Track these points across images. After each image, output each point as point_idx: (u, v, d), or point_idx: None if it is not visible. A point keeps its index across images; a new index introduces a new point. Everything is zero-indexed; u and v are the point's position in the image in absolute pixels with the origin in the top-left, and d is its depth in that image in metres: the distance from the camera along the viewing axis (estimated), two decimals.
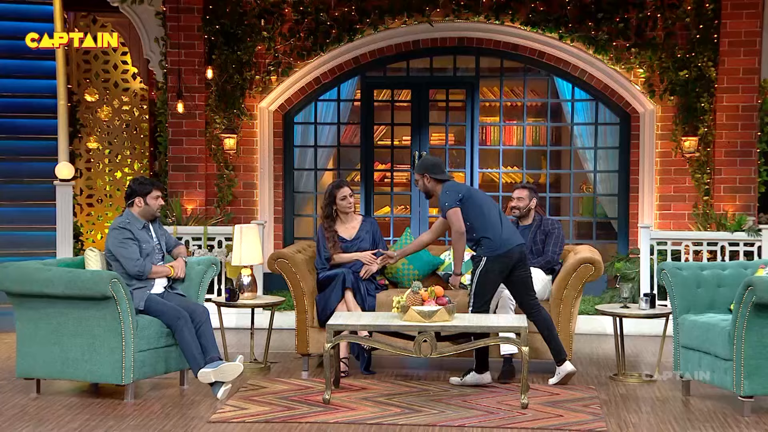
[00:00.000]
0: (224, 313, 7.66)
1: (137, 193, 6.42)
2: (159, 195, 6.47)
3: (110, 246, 6.34)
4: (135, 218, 6.41)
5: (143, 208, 6.42)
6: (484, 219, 6.55)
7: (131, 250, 6.28)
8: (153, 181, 6.60)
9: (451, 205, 6.56)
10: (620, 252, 9.53)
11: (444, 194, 6.63)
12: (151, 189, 6.43)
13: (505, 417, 5.75)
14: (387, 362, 7.24)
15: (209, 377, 6.14)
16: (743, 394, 5.78)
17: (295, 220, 10.09)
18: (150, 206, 6.43)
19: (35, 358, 6.19)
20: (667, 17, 9.24)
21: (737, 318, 5.75)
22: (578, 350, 7.75)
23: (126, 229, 6.32)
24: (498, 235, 6.52)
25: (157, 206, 6.47)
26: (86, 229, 11.12)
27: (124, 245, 6.28)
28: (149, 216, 6.46)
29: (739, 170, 9.16)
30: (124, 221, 6.37)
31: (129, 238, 6.29)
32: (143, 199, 6.41)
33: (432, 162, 6.73)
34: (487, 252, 6.52)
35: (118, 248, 6.29)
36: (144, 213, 6.43)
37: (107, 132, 11.39)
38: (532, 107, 10.45)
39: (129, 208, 6.45)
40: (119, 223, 6.36)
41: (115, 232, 6.32)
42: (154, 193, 6.44)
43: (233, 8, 9.50)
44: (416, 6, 9.46)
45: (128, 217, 6.40)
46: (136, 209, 6.42)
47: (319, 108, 10.10)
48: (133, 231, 6.33)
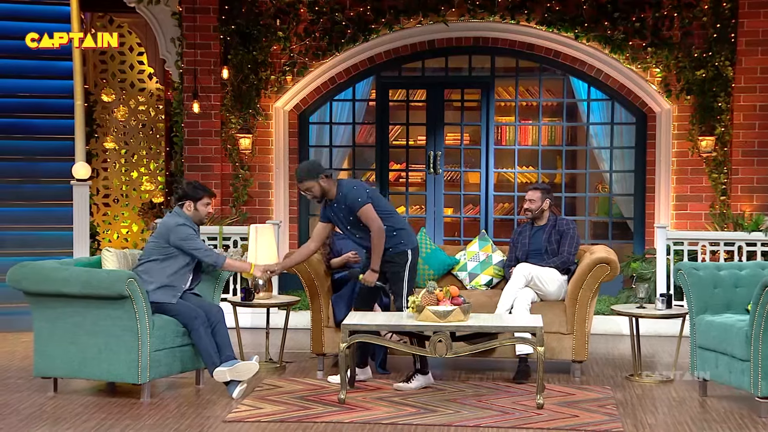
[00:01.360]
0: (240, 313, 7.68)
1: (189, 196, 6.42)
2: (209, 203, 6.48)
3: (172, 241, 6.26)
4: (188, 219, 6.42)
5: (192, 213, 6.42)
6: (393, 210, 6.54)
7: (200, 242, 6.35)
8: (205, 188, 6.53)
9: (364, 201, 6.31)
10: (636, 252, 9.50)
11: (353, 190, 6.36)
12: (203, 195, 6.43)
13: (520, 417, 5.74)
14: (402, 362, 7.23)
15: (225, 376, 6.16)
16: (761, 394, 5.74)
17: (310, 219, 10.10)
18: (199, 212, 6.44)
19: (52, 358, 6.22)
20: (683, 16, 9.20)
21: (755, 318, 5.72)
22: (594, 350, 7.73)
23: (189, 226, 6.34)
24: (408, 226, 6.57)
25: (206, 213, 6.48)
26: (102, 229, 11.18)
27: (192, 239, 6.29)
28: (197, 221, 6.46)
29: (757, 170, 9.11)
30: (185, 218, 6.35)
31: (194, 234, 6.34)
32: (194, 204, 6.42)
33: (314, 164, 6.49)
34: (409, 244, 6.45)
35: (187, 242, 6.26)
36: (194, 217, 6.44)
37: (123, 132, 11.45)
38: (548, 107, 10.42)
39: (180, 209, 6.43)
40: (181, 221, 6.32)
41: (182, 228, 6.28)
42: (205, 200, 6.44)
43: (249, 8, 9.52)
44: (431, 6, 9.46)
45: (184, 217, 6.39)
46: (187, 212, 6.43)
47: (334, 108, 10.11)
48: (195, 229, 6.39)
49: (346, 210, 6.42)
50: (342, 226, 6.54)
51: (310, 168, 6.44)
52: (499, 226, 10.04)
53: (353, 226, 6.47)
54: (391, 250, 6.46)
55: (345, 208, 6.42)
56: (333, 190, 6.44)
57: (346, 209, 6.42)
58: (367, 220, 6.34)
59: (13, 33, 10.79)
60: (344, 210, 6.43)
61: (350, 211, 6.40)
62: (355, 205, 6.35)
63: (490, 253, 7.57)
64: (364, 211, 6.33)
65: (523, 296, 6.83)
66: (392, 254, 6.46)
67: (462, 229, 10.07)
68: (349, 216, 6.42)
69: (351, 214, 6.41)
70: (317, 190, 6.41)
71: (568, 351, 6.88)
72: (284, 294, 8.79)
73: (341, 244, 7.29)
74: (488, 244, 7.64)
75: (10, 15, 11.25)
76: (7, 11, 11.27)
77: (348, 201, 6.37)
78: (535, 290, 6.95)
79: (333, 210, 6.51)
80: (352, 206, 6.37)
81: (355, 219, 6.41)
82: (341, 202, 6.42)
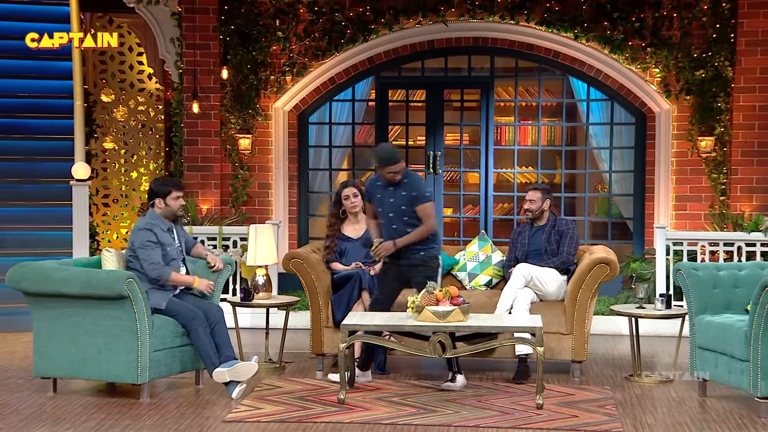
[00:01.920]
0: (239, 313, 7.68)
1: (157, 194, 6.42)
2: (179, 195, 6.46)
3: (134, 245, 6.33)
4: (159, 219, 6.41)
5: (164, 209, 6.43)
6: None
7: (153, 253, 6.28)
8: (172, 181, 6.60)
9: (430, 198, 6.52)
10: (636, 252, 9.50)
11: (421, 182, 6.57)
12: (170, 190, 6.42)
13: (520, 417, 5.74)
14: (401, 362, 7.24)
15: (224, 377, 6.16)
16: (760, 395, 5.74)
17: (310, 220, 10.10)
18: (171, 207, 6.43)
19: (52, 358, 6.22)
20: (683, 16, 9.20)
21: (754, 319, 5.72)
22: (593, 350, 7.73)
23: (151, 230, 6.32)
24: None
25: (179, 206, 6.47)
26: (102, 229, 11.18)
27: (146, 247, 6.28)
28: (171, 216, 6.46)
29: (756, 170, 9.11)
30: (149, 222, 6.36)
31: (152, 241, 6.29)
32: (163, 200, 6.42)
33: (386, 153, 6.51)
34: (439, 251, 6.68)
35: (140, 249, 6.30)
36: (166, 213, 6.44)
37: (123, 132, 11.45)
38: (547, 107, 10.43)
39: (152, 209, 6.46)
40: (144, 224, 6.36)
41: (140, 232, 6.32)
42: (173, 193, 6.43)
43: (248, 8, 9.52)
44: (431, 6, 9.46)
45: (153, 218, 6.39)
46: (158, 210, 6.43)
47: (333, 108, 10.11)
48: (157, 233, 6.34)
49: (407, 197, 6.48)
50: (388, 208, 6.55)
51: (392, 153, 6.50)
52: (498, 227, 10.04)
53: (401, 214, 6.51)
54: (423, 253, 6.54)
55: (406, 196, 6.49)
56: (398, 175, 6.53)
57: (407, 197, 6.48)
58: (426, 216, 6.44)
59: (13, 33, 10.79)
60: (404, 197, 6.48)
61: (413, 199, 6.47)
62: (421, 198, 6.44)
63: (490, 253, 7.57)
64: (427, 206, 6.44)
65: (523, 296, 6.83)
66: (426, 257, 6.54)
67: (461, 230, 10.07)
68: (406, 203, 6.48)
69: (411, 202, 6.47)
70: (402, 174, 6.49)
71: (567, 351, 6.88)
72: (284, 294, 8.79)
73: (344, 245, 7.29)
74: (488, 244, 7.64)
75: (9, 15, 11.25)
76: (7, 11, 11.26)
77: (416, 190, 6.46)
78: (535, 290, 6.95)
79: (385, 192, 6.54)
80: (419, 197, 6.46)
81: (409, 209, 6.48)
82: (406, 188, 6.48)
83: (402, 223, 6.53)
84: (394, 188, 6.54)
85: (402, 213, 6.51)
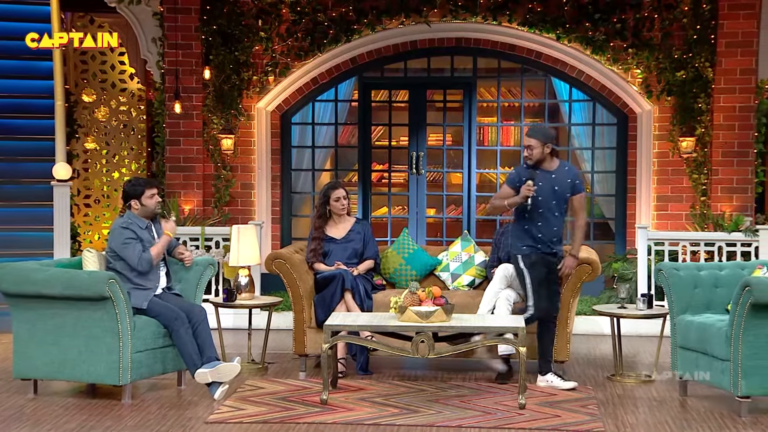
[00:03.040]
0: (222, 314, 7.66)
1: (131, 195, 6.41)
2: (154, 193, 6.45)
3: (113, 245, 6.32)
4: (137, 218, 6.40)
5: (141, 209, 6.41)
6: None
7: (136, 248, 6.27)
8: (145, 180, 6.57)
9: (582, 189, 6.54)
10: (618, 252, 9.54)
11: (578, 174, 6.58)
12: (143, 189, 6.41)
13: (502, 417, 5.75)
14: (384, 363, 7.24)
15: (206, 378, 6.14)
16: (740, 394, 5.78)
17: (293, 220, 10.09)
18: (147, 206, 6.42)
19: (32, 359, 6.18)
20: (664, 18, 9.25)
21: (734, 318, 5.76)
22: (576, 350, 7.75)
23: (128, 228, 6.31)
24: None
25: (155, 204, 6.45)
26: (83, 230, 11.12)
27: (127, 245, 6.27)
28: (149, 215, 6.45)
29: (737, 171, 9.16)
30: (126, 221, 6.36)
31: (132, 238, 6.28)
32: (138, 200, 6.40)
33: (553, 134, 6.56)
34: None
35: (121, 248, 6.27)
36: (143, 213, 6.42)
37: (104, 132, 11.40)
38: (530, 108, 10.46)
39: (129, 210, 6.44)
40: (121, 223, 6.35)
41: (117, 231, 6.31)
42: (147, 192, 6.41)
43: (231, 9, 9.50)
44: (414, 6, 9.47)
45: (129, 218, 6.39)
46: (135, 211, 6.42)
47: (316, 108, 10.09)
48: (136, 231, 6.33)
49: (567, 185, 6.50)
50: (546, 194, 6.48)
51: (545, 132, 6.58)
52: (481, 227, 10.06)
53: (560, 202, 6.50)
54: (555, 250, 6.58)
55: (569, 183, 6.51)
56: (548, 163, 6.48)
57: (570, 185, 6.51)
58: (582, 209, 6.48)
59: None
60: (565, 184, 6.49)
61: (573, 188, 6.50)
62: (579, 188, 6.50)
63: (473, 253, 7.59)
64: (581, 199, 6.50)
65: (505, 297, 6.84)
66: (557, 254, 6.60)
67: (444, 230, 10.09)
68: (565, 192, 6.49)
69: (570, 192, 6.50)
70: (537, 153, 6.45)
71: None
72: (266, 295, 8.77)
73: (328, 246, 7.28)
74: (471, 244, 7.66)
75: None
76: None
77: (575, 179, 6.51)
78: (517, 291, 6.97)
79: (542, 179, 6.47)
80: (578, 187, 6.51)
81: (565, 199, 6.52)
82: (564, 176, 6.49)
83: (559, 209, 6.54)
84: (553, 175, 6.50)
85: (561, 201, 6.52)
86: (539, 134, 6.51)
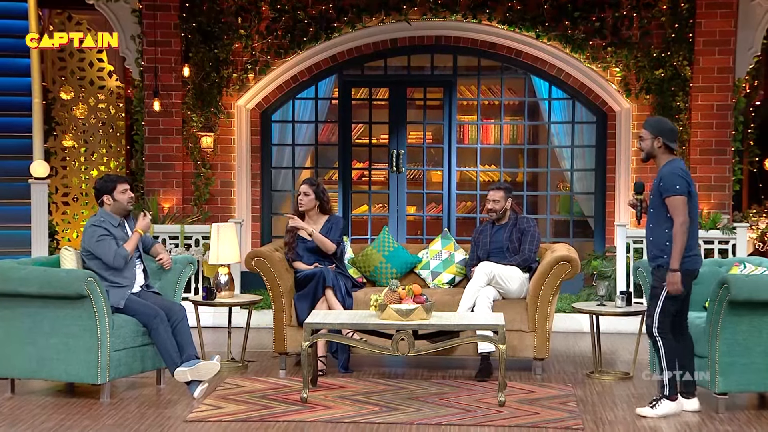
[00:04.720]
0: (201, 312, 7.63)
1: (103, 192, 6.37)
2: (126, 188, 6.41)
3: (86, 245, 6.29)
4: (110, 216, 6.37)
5: (113, 204, 6.38)
6: (693, 225, 5.81)
7: (111, 244, 6.24)
8: (116, 176, 6.52)
9: (682, 192, 5.76)
10: (597, 250, 9.58)
11: (676, 176, 5.75)
12: (115, 185, 6.37)
13: (482, 415, 5.77)
14: (365, 361, 7.24)
15: (186, 376, 6.12)
16: (718, 391, 5.82)
17: (273, 218, 10.06)
18: (120, 201, 6.38)
19: (10, 358, 6.13)
20: (642, 16, 9.30)
21: (712, 315, 5.80)
22: (555, 348, 7.78)
23: (100, 226, 6.28)
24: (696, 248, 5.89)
25: (128, 199, 6.41)
26: (61, 228, 11.04)
27: (101, 241, 6.24)
28: (122, 211, 6.41)
29: (714, 168, 9.22)
30: (98, 219, 6.34)
31: (105, 235, 6.25)
32: (110, 196, 6.37)
33: (670, 127, 5.92)
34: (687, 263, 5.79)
35: (95, 246, 6.25)
36: (116, 209, 6.39)
37: (83, 130, 11.33)
38: (510, 106, 10.49)
39: (101, 207, 6.41)
40: (93, 222, 6.32)
41: (90, 230, 6.29)
42: (119, 187, 6.38)
43: (210, 6, 9.45)
44: (394, 4, 9.46)
45: (102, 216, 6.37)
46: (107, 207, 6.39)
47: (296, 106, 10.08)
48: (108, 228, 6.29)
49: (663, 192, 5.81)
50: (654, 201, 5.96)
51: (662, 125, 5.90)
52: (461, 225, 10.08)
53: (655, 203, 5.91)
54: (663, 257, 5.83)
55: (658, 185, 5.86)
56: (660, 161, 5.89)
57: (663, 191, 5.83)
58: (673, 211, 5.77)
59: None
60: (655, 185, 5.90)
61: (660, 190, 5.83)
62: (669, 190, 5.77)
63: (453, 251, 7.60)
64: (676, 201, 5.73)
65: (485, 294, 6.86)
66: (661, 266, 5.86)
67: (425, 228, 10.10)
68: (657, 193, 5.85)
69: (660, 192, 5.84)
70: (647, 145, 5.85)
71: (529, 349, 6.92)
72: (246, 293, 8.75)
73: (302, 248, 7.25)
74: (451, 242, 7.67)
75: None
76: None
77: (663, 181, 5.83)
78: (497, 288, 6.99)
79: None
80: (667, 189, 5.78)
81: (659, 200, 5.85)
82: (658, 177, 5.88)
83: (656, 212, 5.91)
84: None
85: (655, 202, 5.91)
86: (649, 125, 5.90)
